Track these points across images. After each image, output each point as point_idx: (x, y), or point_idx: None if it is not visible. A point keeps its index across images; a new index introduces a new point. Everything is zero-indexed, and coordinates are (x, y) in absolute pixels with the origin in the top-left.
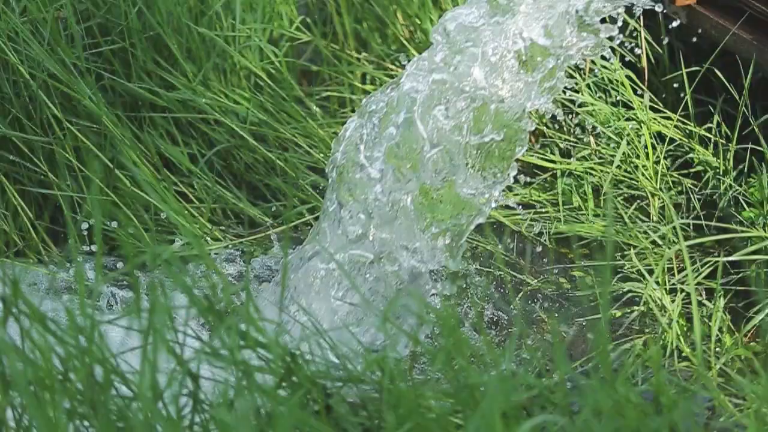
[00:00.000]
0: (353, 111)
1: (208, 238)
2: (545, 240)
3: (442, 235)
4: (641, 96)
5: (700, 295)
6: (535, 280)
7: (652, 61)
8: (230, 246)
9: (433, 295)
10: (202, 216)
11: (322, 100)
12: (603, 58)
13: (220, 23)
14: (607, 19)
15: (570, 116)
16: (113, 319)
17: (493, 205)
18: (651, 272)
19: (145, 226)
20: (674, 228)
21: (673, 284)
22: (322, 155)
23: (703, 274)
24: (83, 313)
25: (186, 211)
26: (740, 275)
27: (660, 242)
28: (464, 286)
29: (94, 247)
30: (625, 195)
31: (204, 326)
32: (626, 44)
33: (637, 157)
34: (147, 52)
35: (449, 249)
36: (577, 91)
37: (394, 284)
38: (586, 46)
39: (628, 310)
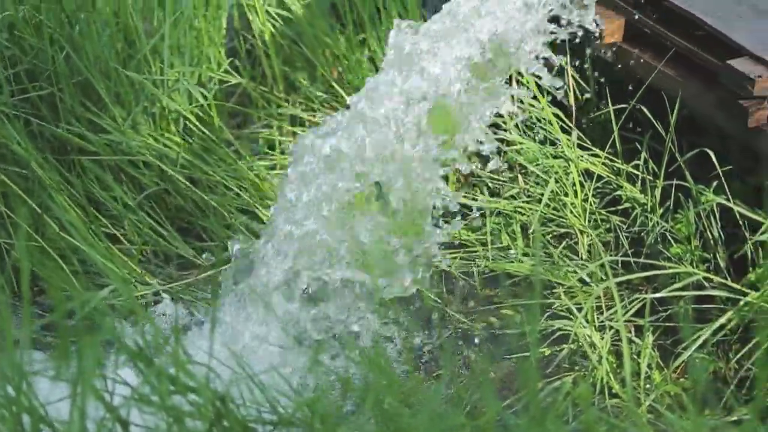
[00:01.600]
0: (282, 153)
1: (138, 283)
2: (475, 279)
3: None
4: (569, 134)
5: (629, 332)
6: (465, 320)
7: (580, 98)
8: (160, 290)
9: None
10: (132, 259)
11: (251, 142)
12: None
13: (149, 67)
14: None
15: (498, 155)
16: (41, 367)
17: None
18: (580, 310)
19: (74, 271)
20: (603, 265)
21: (602, 322)
22: (251, 197)
23: (632, 311)
24: (10, 363)
25: (116, 255)
26: (668, 312)
27: (589, 280)
28: (395, 324)
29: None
30: (554, 233)
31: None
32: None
33: (566, 195)
34: (75, 97)
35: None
36: (505, 130)
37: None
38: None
39: (558, 348)
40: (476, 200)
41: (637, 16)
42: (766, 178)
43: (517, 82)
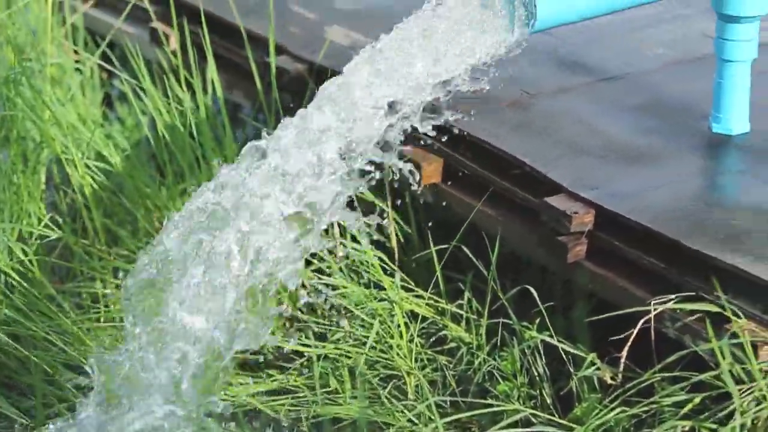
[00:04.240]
0: (107, 306)
1: None
2: (303, 425)
3: None
4: (393, 276)
5: None
6: None
7: (402, 240)
8: None
9: None
10: None
11: (74, 296)
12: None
13: None
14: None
15: (323, 300)
16: None
17: None
18: None
19: None
20: (430, 405)
21: None
22: (76, 352)
23: None
24: None
25: None
26: None
27: (417, 420)
28: None
29: None
30: (382, 375)
31: None
32: (375, 225)
33: (391, 336)
34: None
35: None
36: (329, 275)
37: None
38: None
39: None
40: (303, 345)
41: (454, 157)
42: (584, 312)
43: (339, 226)
